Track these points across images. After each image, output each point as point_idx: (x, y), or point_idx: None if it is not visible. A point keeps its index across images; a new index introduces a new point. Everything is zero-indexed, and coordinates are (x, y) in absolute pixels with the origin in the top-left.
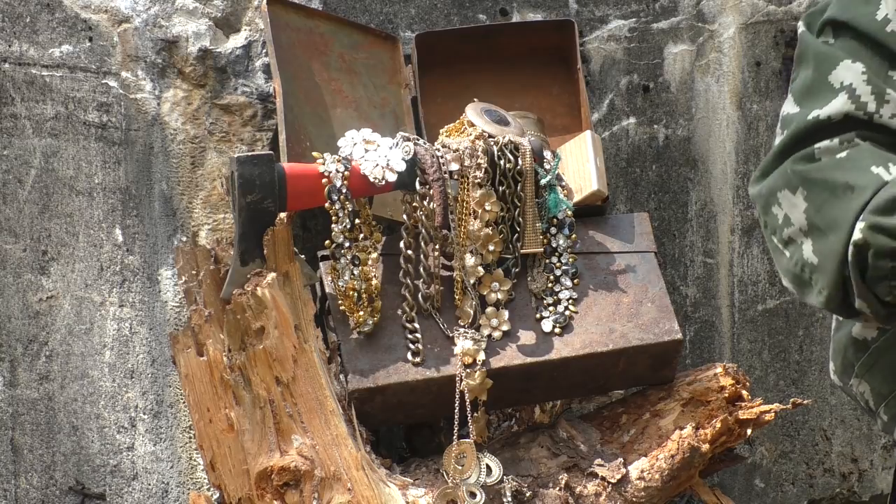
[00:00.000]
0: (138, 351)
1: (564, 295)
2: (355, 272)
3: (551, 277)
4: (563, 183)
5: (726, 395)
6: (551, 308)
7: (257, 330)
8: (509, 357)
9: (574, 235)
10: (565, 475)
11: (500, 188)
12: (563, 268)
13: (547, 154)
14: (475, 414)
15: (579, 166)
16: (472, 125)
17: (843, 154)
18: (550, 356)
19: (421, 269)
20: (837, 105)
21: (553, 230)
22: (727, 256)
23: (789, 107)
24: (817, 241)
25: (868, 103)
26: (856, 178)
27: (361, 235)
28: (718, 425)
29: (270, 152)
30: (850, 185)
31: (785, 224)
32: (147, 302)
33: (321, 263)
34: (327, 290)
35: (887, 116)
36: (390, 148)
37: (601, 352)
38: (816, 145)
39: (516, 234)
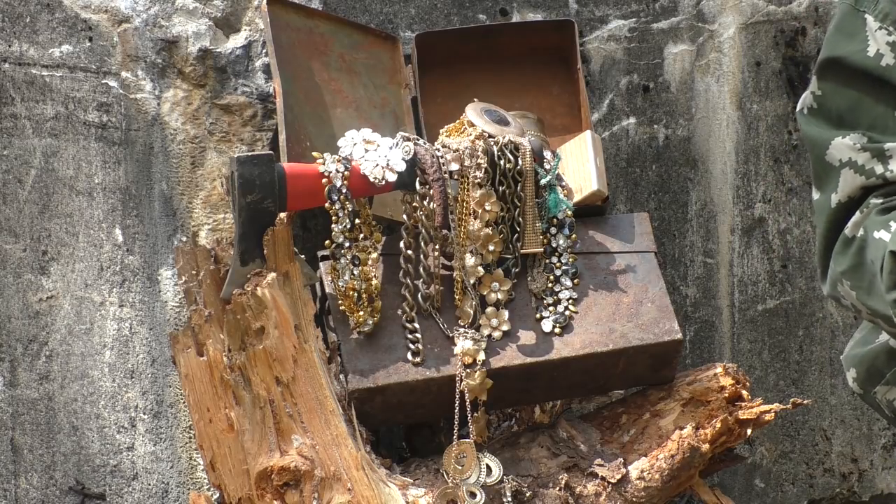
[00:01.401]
0: (138, 351)
1: (564, 295)
2: (355, 272)
3: (551, 277)
4: (563, 183)
5: (726, 395)
6: (551, 308)
7: (257, 330)
8: (509, 357)
9: (574, 235)
10: (565, 475)
11: (500, 188)
12: (563, 268)
13: (547, 154)
14: (475, 414)
15: (579, 166)
16: (472, 125)
17: (862, 229)
18: (550, 356)
19: (421, 269)
20: (848, 182)
21: (553, 230)
22: (727, 256)
23: (813, 192)
24: (883, 322)
25: (874, 168)
26: (872, 252)
27: (361, 235)
28: (718, 425)
29: (270, 152)
30: (872, 260)
31: (857, 313)
32: (147, 302)
33: (321, 263)
34: (327, 290)
35: None
36: (390, 148)
37: (601, 352)
38: (846, 227)
39: (516, 234)
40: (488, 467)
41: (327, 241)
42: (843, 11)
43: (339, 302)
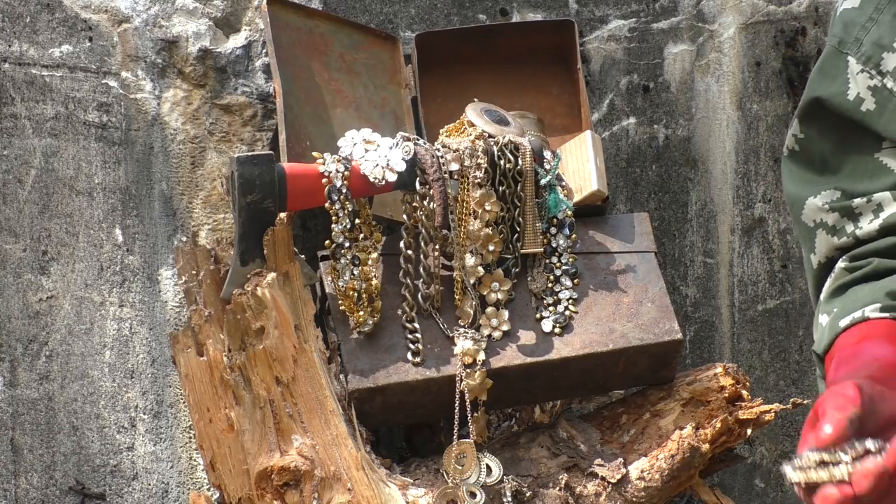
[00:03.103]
0: (138, 351)
1: (564, 295)
2: (355, 272)
3: (551, 277)
4: (563, 183)
5: (726, 395)
6: (551, 308)
7: (257, 330)
8: (509, 357)
9: (574, 235)
10: (565, 475)
11: (500, 188)
12: (563, 268)
13: (547, 154)
14: (475, 414)
15: (579, 166)
16: (472, 125)
17: (829, 305)
18: (550, 356)
19: (421, 269)
20: (823, 244)
21: (553, 230)
22: (727, 256)
23: (803, 250)
24: None
25: (845, 227)
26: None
27: (361, 235)
28: (718, 425)
29: (270, 152)
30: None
31: None
32: (147, 302)
33: (321, 263)
34: (327, 290)
35: (867, 223)
36: (390, 148)
37: (601, 352)
38: (822, 291)
39: (516, 234)
40: (488, 467)
41: (327, 241)
42: (827, 53)
43: (339, 302)
